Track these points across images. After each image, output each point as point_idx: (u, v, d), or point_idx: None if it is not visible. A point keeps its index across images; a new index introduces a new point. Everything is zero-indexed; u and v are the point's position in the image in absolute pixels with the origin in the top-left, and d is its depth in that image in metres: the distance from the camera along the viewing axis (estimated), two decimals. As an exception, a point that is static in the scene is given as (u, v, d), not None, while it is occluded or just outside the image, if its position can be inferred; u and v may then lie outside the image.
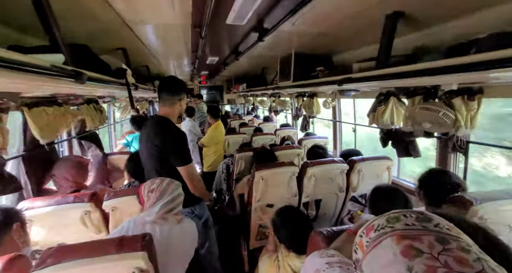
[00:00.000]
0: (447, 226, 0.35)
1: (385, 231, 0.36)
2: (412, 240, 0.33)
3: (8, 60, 0.58)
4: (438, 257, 0.30)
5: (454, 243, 0.32)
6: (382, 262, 0.34)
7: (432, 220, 0.36)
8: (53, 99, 1.54)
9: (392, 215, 0.38)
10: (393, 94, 1.72)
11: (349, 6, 1.19)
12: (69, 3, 1.00)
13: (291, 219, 1.15)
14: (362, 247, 0.39)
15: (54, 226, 1.26)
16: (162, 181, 1.13)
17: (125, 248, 0.78)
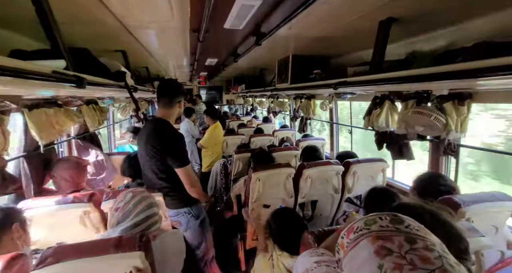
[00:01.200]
0: (417, 227, 0.38)
1: (362, 233, 0.39)
2: (385, 240, 0.36)
3: (10, 68, 0.61)
4: (405, 255, 0.33)
5: (420, 242, 0.35)
6: (358, 261, 0.37)
7: (404, 222, 0.39)
8: (53, 101, 1.56)
9: (370, 218, 0.41)
10: (388, 97, 1.75)
11: (344, 13, 1.22)
12: (70, 8, 1.03)
13: (285, 221, 1.18)
14: (343, 247, 0.42)
15: (54, 226, 1.29)
16: (132, 198, 0.98)
17: (123, 248, 0.80)
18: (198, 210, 1.58)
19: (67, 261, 0.75)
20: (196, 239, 1.59)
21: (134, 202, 0.96)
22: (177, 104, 1.51)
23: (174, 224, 1.54)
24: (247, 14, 1.31)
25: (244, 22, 1.43)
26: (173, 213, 1.52)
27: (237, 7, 1.17)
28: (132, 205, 0.96)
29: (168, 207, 1.48)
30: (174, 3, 1.12)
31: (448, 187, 1.10)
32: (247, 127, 4.15)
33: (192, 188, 1.48)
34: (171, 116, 1.52)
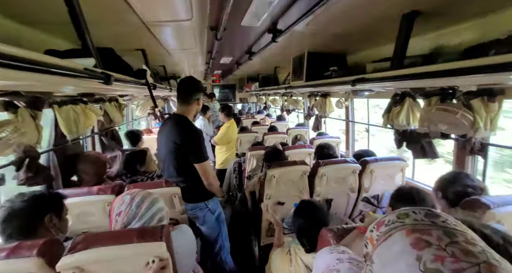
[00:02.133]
0: (454, 222, 0.37)
1: (395, 226, 0.39)
2: (421, 233, 0.35)
3: (49, 64, 0.65)
4: (446, 248, 0.32)
5: (460, 236, 0.34)
6: (392, 252, 0.36)
7: (440, 216, 0.38)
8: (79, 98, 1.65)
9: (402, 212, 0.41)
10: (409, 94, 1.68)
11: (365, 7, 1.19)
12: (98, 9, 1.08)
13: (308, 213, 1.17)
14: (372, 241, 0.42)
15: (80, 215, 1.37)
16: (132, 200, 0.94)
17: (146, 238, 0.84)
18: (215, 205, 1.62)
19: (95, 248, 0.80)
20: (212, 233, 1.63)
21: (136, 203, 0.94)
22: (195, 101, 1.55)
23: (191, 217, 1.58)
24: (265, 11, 1.31)
25: (261, 19, 1.43)
26: (190, 207, 1.56)
27: (256, 3, 1.17)
28: (135, 207, 0.93)
29: (185, 201, 1.53)
30: (194, 2, 1.15)
31: (476, 188, 1.04)
32: (260, 125, 4.15)
33: (210, 183, 1.52)
34: (189, 113, 1.56)
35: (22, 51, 0.55)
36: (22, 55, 0.54)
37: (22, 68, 0.52)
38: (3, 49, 0.49)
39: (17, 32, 1.08)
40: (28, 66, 0.54)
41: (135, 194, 0.95)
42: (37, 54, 0.61)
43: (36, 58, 0.60)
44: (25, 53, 0.56)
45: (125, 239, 0.83)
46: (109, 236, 0.86)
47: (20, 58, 0.52)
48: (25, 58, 0.54)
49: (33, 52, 0.59)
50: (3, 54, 0.48)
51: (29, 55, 0.56)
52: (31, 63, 0.55)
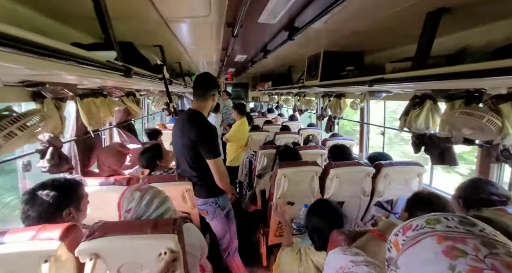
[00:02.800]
0: (494, 233, 0.34)
1: (425, 231, 0.36)
2: (455, 241, 0.33)
3: (74, 54, 0.67)
4: (484, 259, 0.30)
5: (501, 248, 0.31)
6: (421, 259, 0.34)
7: (477, 225, 0.35)
8: (99, 91, 1.71)
9: (432, 217, 0.38)
10: (430, 97, 1.61)
11: (389, 4, 1.14)
12: (122, 5, 1.11)
13: (324, 212, 1.15)
14: (397, 245, 0.40)
15: (97, 204, 1.41)
16: (141, 197, 0.94)
17: (159, 230, 0.86)
18: (224, 201, 1.63)
19: (111, 236, 0.83)
20: (221, 229, 1.64)
21: (146, 202, 0.94)
22: (210, 97, 1.56)
23: (201, 212, 1.61)
24: (283, 8, 1.30)
25: (279, 16, 1.41)
26: (201, 202, 1.58)
27: (274, 0, 1.16)
28: (145, 205, 0.94)
29: (196, 196, 1.55)
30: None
31: (501, 196, 0.98)
32: (272, 124, 4.14)
33: (221, 180, 1.53)
34: (204, 109, 1.57)
35: (51, 41, 0.58)
36: (51, 45, 0.56)
37: (51, 56, 0.54)
38: (34, 39, 0.51)
39: (46, 26, 1.13)
40: (56, 55, 0.56)
41: (145, 191, 0.96)
42: (64, 44, 0.64)
43: (64, 48, 0.62)
44: (54, 43, 0.58)
45: (139, 229, 0.86)
46: (124, 226, 0.89)
47: (49, 47, 0.55)
48: (53, 48, 0.57)
49: (60, 43, 0.61)
50: (34, 43, 0.50)
51: (57, 45, 0.59)
52: (59, 52, 0.58)
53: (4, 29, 0.44)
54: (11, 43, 0.44)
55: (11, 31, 0.45)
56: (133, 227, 0.88)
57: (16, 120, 0.87)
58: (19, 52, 0.46)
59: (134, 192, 0.96)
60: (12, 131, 0.86)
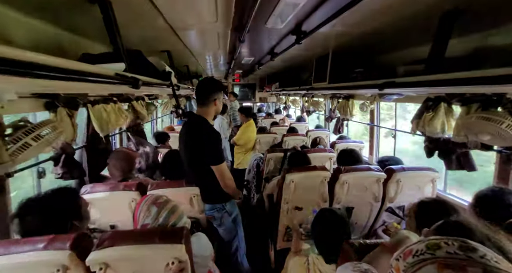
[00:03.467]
0: (495, 259, 0.32)
1: (425, 258, 0.35)
2: (455, 269, 0.32)
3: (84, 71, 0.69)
4: None
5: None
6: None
7: (477, 250, 0.34)
8: (109, 98, 1.75)
9: (432, 242, 0.37)
10: (444, 100, 1.55)
11: (400, 6, 1.10)
12: (129, 14, 1.13)
13: (329, 223, 1.13)
14: (398, 270, 0.38)
15: (107, 209, 1.45)
16: (158, 213, 0.94)
17: (167, 240, 0.86)
18: (232, 207, 1.63)
19: (120, 246, 0.84)
20: (228, 235, 1.64)
21: (164, 217, 0.94)
22: (212, 102, 1.55)
23: (208, 218, 1.61)
24: (290, 13, 1.28)
25: (286, 21, 1.40)
26: (208, 207, 1.58)
27: (281, 6, 1.15)
28: (163, 220, 0.94)
29: (204, 201, 1.56)
30: (219, 5, 1.15)
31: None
32: (279, 126, 4.11)
33: (226, 185, 1.52)
34: (207, 114, 1.57)
35: (62, 60, 0.59)
36: (62, 65, 0.58)
37: (62, 78, 0.56)
38: (46, 60, 0.52)
39: (58, 36, 1.17)
40: (67, 76, 0.57)
41: (162, 207, 0.96)
42: (74, 62, 0.66)
43: (74, 67, 0.64)
44: (65, 62, 0.60)
45: (147, 239, 0.86)
46: (133, 235, 0.90)
47: (60, 68, 0.56)
48: (64, 68, 0.58)
49: (71, 61, 0.63)
50: (46, 66, 0.51)
51: (66, 65, 0.60)
52: (69, 72, 0.59)
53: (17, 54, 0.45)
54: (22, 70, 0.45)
55: (26, 56, 0.46)
56: (142, 236, 0.89)
57: (31, 131, 0.90)
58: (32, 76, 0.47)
59: (151, 206, 0.96)
60: (27, 142, 0.88)
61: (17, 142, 0.87)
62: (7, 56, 0.47)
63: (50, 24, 1.09)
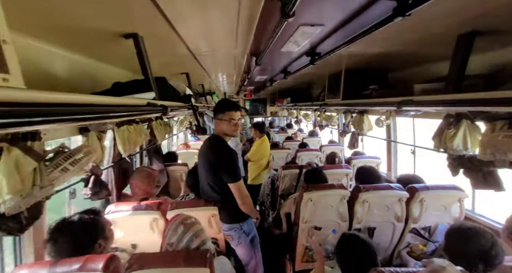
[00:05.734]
0: None
1: None
2: None
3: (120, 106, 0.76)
4: None
5: None
6: None
7: None
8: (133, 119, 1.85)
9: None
10: (466, 116, 1.51)
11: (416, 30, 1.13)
12: (157, 45, 1.23)
13: (357, 247, 1.10)
14: None
15: (129, 228, 1.48)
16: (184, 234, 0.98)
17: (192, 263, 0.87)
18: (249, 227, 1.62)
19: (147, 269, 0.86)
20: (246, 256, 1.62)
21: (188, 240, 0.97)
22: (220, 121, 1.59)
23: (226, 238, 1.60)
24: (306, 39, 1.34)
25: (301, 46, 1.46)
26: (226, 227, 1.58)
27: (298, 34, 1.21)
28: (186, 243, 0.97)
29: (221, 221, 1.56)
30: (239, 33, 1.23)
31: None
32: (292, 141, 4.11)
33: (244, 203, 1.53)
34: (221, 132, 1.61)
35: (99, 98, 0.66)
36: (99, 102, 0.64)
37: (101, 118, 0.61)
38: (85, 100, 0.59)
39: (94, 67, 1.28)
40: (106, 115, 0.63)
41: (188, 228, 0.99)
42: (112, 98, 0.72)
43: (111, 101, 0.70)
44: (103, 99, 0.66)
45: (172, 262, 0.88)
46: (159, 258, 0.92)
47: (98, 108, 0.62)
48: (103, 104, 0.64)
49: (109, 97, 0.70)
50: (85, 107, 0.57)
51: (105, 101, 0.66)
52: (107, 110, 0.65)
53: (56, 98, 0.50)
54: (67, 117, 0.51)
55: (61, 98, 0.52)
56: (167, 259, 0.90)
57: (69, 156, 0.97)
58: (75, 121, 0.53)
59: (179, 225, 1.00)
60: (66, 167, 0.95)
61: (57, 167, 0.93)
62: (51, 100, 0.53)
63: (88, 57, 1.21)
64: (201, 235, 1.00)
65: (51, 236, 0.94)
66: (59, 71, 1.06)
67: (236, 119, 1.61)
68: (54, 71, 1.03)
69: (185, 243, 0.97)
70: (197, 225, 1.02)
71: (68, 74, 1.09)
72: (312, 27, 1.10)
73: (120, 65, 1.46)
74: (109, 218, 1.43)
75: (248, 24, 1.08)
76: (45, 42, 0.95)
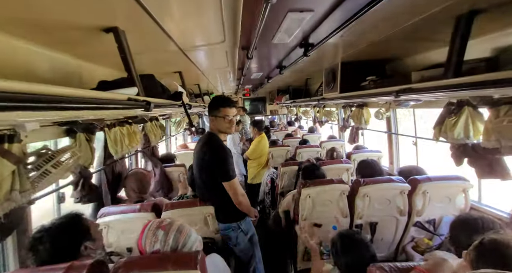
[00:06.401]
0: None
1: None
2: None
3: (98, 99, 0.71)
4: None
5: None
6: None
7: None
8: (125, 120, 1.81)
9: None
10: (468, 103, 1.45)
11: (412, 12, 1.07)
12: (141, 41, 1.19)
13: (353, 246, 1.05)
14: None
15: (124, 231, 1.45)
16: (166, 236, 0.90)
17: (181, 265, 0.82)
18: (247, 226, 1.57)
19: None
20: (245, 255, 1.57)
21: (173, 239, 0.90)
22: (211, 117, 1.56)
23: (224, 238, 1.56)
24: (296, 28, 1.29)
25: (293, 35, 1.41)
26: (223, 227, 1.54)
27: (287, 21, 1.16)
28: (173, 242, 0.90)
29: (218, 220, 1.52)
30: (226, 25, 1.18)
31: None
32: (292, 138, 4.06)
33: (240, 202, 1.49)
34: (215, 129, 1.58)
35: (78, 90, 0.62)
36: (78, 95, 0.60)
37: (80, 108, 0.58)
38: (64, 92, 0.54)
39: (78, 67, 1.24)
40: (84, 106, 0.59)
41: (168, 228, 0.92)
42: (91, 91, 0.69)
43: (91, 95, 0.67)
44: (82, 92, 0.62)
45: (161, 265, 0.83)
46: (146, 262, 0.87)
47: (77, 98, 0.58)
48: (81, 97, 0.61)
49: (87, 90, 0.66)
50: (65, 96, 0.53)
51: (83, 94, 0.63)
52: (86, 101, 0.61)
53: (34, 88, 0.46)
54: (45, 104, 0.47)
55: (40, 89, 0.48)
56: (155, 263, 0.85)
57: (51, 158, 0.93)
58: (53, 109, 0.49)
59: (157, 230, 0.91)
60: (47, 169, 0.91)
61: (38, 170, 0.89)
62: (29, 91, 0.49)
63: (70, 55, 1.17)
64: (183, 230, 0.93)
65: (31, 245, 0.89)
66: (40, 71, 1.02)
67: (231, 116, 1.56)
68: (35, 71, 0.99)
69: (172, 244, 0.90)
70: (176, 222, 0.95)
71: (50, 74, 1.05)
72: (301, 13, 1.05)
73: (106, 63, 1.42)
74: (102, 221, 1.40)
75: (233, 13, 1.03)
76: (23, 39, 0.91)
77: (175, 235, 0.91)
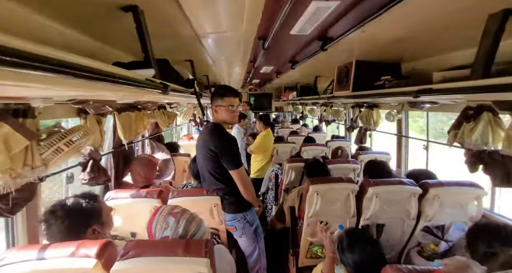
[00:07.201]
0: None
1: None
2: None
3: (117, 75, 0.68)
4: None
5: None
6: None
7: None
8: (134, 105, 1.79)
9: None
10: (488, 108, 1.41)
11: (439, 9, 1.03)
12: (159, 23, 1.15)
13: (361, 244, 1.03)
14: None
15: (130, 216, 1.44)
16: (177, 223, 0.91)
17: (191, 252, 0.82)
18: (253, 216, 1.57)
19: (145, 257, 0.80)
20: (249, 246, 1.57)
21: (183, 227, 0.91)
22: (218, 108, 1.53)
23: (229, 228, 1.55)
24: (318, 19, 1.25)
25: (313, 27, 1.36)
26: (229, 217, 1.53)
27: (311, 11, 1.12)
28: (183, 230, 0.91)
29: (224, 211, 1.51)
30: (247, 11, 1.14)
31: None
32: (298, 136, 4.03)
33: (246, 190, 1.49)
34: (218, 120, 1.56)
35: (95, 63, 0.59)
36: (96, 67, 0.57)
37: (96, 78, 0.55)
38: (82, 62, 0.52)
39: (92, 46, 1.21)
40: (100, 77, 0.56)
41: (180, 216, 0.92)
42: (108, 65, 0.65)
43: (107, 69, 0.63)
44: (98, 64, 0.59)
45: (171, 250, 0.82)
46: (157, 246, 0.86)
47: (94, 69, 0.55)
48: (98, 69, 0.58)
49: (104, 64, 0.63)
50: (81, 66, 0.50)
51: (101, 67, 0.60)
52: (103, 74, 0.58)
53: (53, 54, 0.44)
54: (58, 67, 0.44)
55: (59, 56, 0.46)
56: (166, 248, 0.84)
57: (64, 136, 0.91)
58: (67, 76, 0.47)
59: (168, 217, 0.92)
60: (60, 147, 0.89)
61: (50, 147, 0.88)
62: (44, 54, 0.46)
63: (84, 33, 1.14)
64: (195, 220, 0.94)
65: (45, 218, 0.90)
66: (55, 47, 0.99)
67: (235, 106, 1.54)
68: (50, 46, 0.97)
69: (182, 232, 0.91)
70: (187, 211, 0.96)
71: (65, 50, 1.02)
72: (327, 2, 1.01)
73: (120, 46, 1.39)
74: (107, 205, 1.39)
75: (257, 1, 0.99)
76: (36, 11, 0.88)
77: (185, 224, 0.92)
